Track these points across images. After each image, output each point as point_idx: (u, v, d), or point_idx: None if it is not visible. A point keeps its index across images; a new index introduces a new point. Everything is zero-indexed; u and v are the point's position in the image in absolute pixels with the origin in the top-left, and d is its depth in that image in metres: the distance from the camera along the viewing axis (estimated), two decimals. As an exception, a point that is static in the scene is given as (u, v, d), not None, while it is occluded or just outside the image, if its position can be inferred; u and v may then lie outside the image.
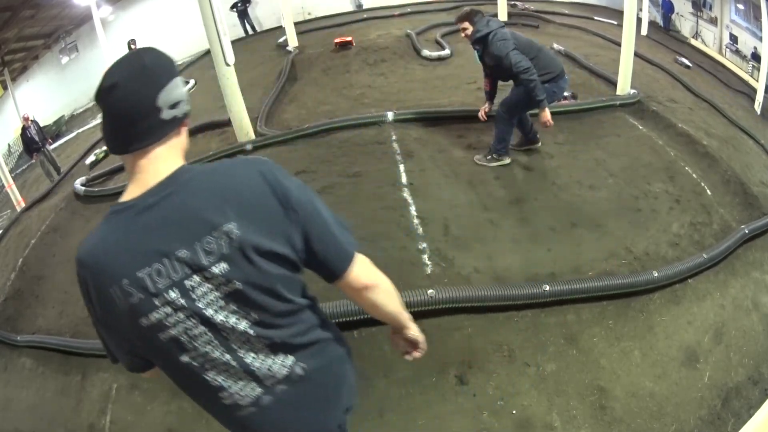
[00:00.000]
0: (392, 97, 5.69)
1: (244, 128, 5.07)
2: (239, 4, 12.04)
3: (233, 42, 4.87)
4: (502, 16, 9.19)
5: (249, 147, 4.81)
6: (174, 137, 0.95)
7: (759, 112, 6.72)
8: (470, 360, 2.43)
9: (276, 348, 0.97)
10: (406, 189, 3.57)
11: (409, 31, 8.52)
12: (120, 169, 6.01)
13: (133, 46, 9.20)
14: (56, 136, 10.59)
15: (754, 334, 2.70)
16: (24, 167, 9.94)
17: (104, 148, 8.40)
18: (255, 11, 12.53)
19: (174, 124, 0.94)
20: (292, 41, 9.13)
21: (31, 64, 11.14)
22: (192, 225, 0.87)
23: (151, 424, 2.43)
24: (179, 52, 11.89)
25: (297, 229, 0.93)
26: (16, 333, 3.48)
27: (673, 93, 5.58)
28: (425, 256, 2.93)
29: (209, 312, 0.89)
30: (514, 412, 2.24)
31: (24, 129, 8.12)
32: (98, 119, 11.31)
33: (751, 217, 3.54)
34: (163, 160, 0.92)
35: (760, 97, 6.80)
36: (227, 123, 5.41)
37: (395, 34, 8.72)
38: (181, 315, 0.89)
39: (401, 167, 3.88)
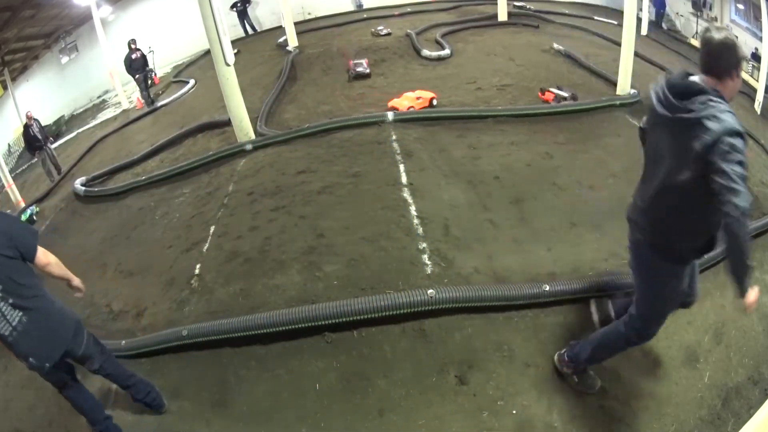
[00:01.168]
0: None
1: (244, 128, 5.08)
2: (239, 4, 12.04)
3: (233, 42, 4.87)
4: (502, 16, 9.20)
5: (249, 147, 4.81)
6: None
7: (759, 112, 6.72)
8: (470, 360, 2.43)
9: (14, 305, 1.94)
10: (406, 189, 3.57)
11: (409, 30, 8.53)
12: (120, 169, 6.03)
13: (133, 46, 9.18)
14: (56, 136, 10.58)
15: (754, 334, 2.69)
16: (24, 167, 9.93)
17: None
18: (255, 11, 12.53)
19: None
20: (292, 41, 9.14)
21: (31, 64, 11.14)
22: None
23: (151, 424, 2.44)
24: (179, 52, 11.92)
25: (13, 243, 1.94)
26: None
27: (673, 93, 5.57)
28: (425, 256, 2.93)
29: None
30: (514, 412, 2.25)
31: (26, 127, 8.08)
32: (98, 119, 11.27)
33: (751, 217, 3.53)
34: None
35: (760, 97, 6.79)
36: (227, 123, 5.42)
37: (395, 34, 8.73)
38: None
39: (401, 167, 3.88)
